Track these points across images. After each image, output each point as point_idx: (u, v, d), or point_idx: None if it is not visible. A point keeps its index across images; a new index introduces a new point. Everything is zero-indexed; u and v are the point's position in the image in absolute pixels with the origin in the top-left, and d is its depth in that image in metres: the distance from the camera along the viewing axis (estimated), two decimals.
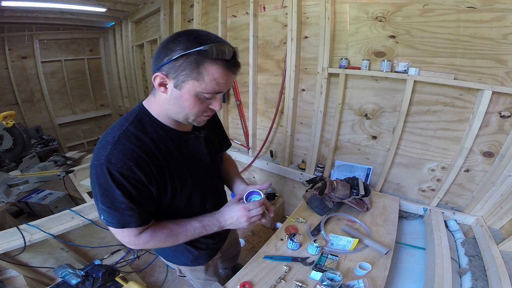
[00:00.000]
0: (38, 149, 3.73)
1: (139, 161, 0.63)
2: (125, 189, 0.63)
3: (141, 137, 0.67)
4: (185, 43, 0.58)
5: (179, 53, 0.58)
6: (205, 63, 0.58)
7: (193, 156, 0.79)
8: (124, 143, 0.63)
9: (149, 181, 0.66)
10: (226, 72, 0.61)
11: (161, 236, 0.75)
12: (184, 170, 0.75)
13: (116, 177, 0.61)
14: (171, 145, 0.72)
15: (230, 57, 0.60)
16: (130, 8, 3.38)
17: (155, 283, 1.86)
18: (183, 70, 0.59)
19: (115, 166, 0.61)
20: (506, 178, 1.30)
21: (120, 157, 0.61)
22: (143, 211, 0.69)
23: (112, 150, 0.61)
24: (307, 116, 2.05)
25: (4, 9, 2.95)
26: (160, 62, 0.61)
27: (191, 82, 0.60)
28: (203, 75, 0.59)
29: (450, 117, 1.47)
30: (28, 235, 1.50)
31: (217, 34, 2.24)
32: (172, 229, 0.77)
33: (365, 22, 1.56)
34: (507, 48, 1.22)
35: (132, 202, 0.65)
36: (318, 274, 1.04)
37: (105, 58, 4.71)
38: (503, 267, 1.11)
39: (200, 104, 0.65)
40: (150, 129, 0.69)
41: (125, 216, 0.66)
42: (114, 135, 0.64)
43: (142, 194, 0.67)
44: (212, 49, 0.57)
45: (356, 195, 1.50)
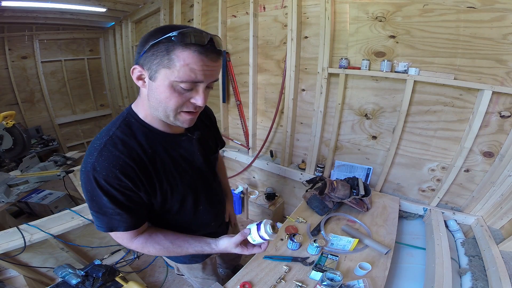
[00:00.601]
0: (38, 149, 3.73)
1: (125, 168, 0.62)
2: (111, 196, 0.62)
3: (128, 142, 0.65)
4: (159, 34, 0.56)
5: (152, 41, 0.56)
6: (175, 49, 0.55)
7: (185, 159, 0.77)
8: (110, 150, 0.62)
9: (137, 187, 0.65)
10: (200, 57, 0.56)
11: (152, 249, 0.76)
12: (174, 174, 0.73)
13: (102, 185, 0.61)
14: (160, 148, 0.70)
15: (204, 42, 0.55)
16: (130, 8, 3.38)
17: (155, 283, 1.86)
18: (155, 59, 0.56)
19: (100, 174, 0.60)
20: (506, 178, 1.30)
21: (106, 165, 0.60)
22: (132, 216, 0.68)
23: (97, 158, 0.61)
24: (307, 116, 2.05)
25: (4, 9, 2.95)
26: (137, 56, 0.60)
27: (163, 71, 0.57)
28: (174, 61, 0.55)
29: (450, 117, 1.47)
30: (28, 235, 1.50)
31: (217, 34, 2.26)
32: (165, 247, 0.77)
33: (365, 22, 1.56)
34: (507, 48, 1.22)
35: (120, 208, 0.64)
36: (318, 274, 1.04)
37: (105, 58, 4.71)
38: (503, 267, 1.11)
39: (177, 97, 0.60)
40: (138, 132, 0.68)
41: (113, 221, 0.66)
42: (100, 142, 0.64)
43: (130, 200, 0.66)
44: (181, 34, 0.54)
45: (356, 195, 1.50)
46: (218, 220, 1.04)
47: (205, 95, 0.63)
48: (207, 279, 1.19)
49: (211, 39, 0.57)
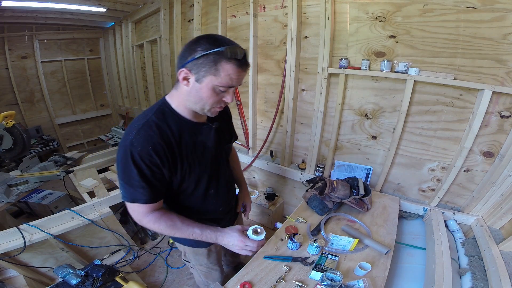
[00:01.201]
0: (38, 149, 3.73)
1: (156, 146, 0.75)
2: (140, 169, 0.75)
3: (161, 125, 0.79)
4: (206, 45, 0.71)
5: (201, 53, 0.70)
6: (221, 61, 0.70)
7: (204, 145, 0.90)
8: (146, 130, 0.76)
9: (163, 163, 0.78)
10: (238, 69, 0.73)
11: (163, 224, 0.85)
12: (194, 157, 0.86)
13: (135, 159, 0.74)
14: (186, 134, 0.84)
15: (241, 57, 0.72)
16: (130, 8, 3.38)
17: (155, 283, 1.86)
18: (204, 67, 0.71)
19: (136, 148, 0.73)
20: (506, 178, 1.30)
21: (141, 141, 0.74)
22: (153, 191, 0.80)
23: (136, 135, 0.75)
24: (307, 116, 2.05)
25: (4, 9, 2.95)
26: (184, 60, 0.73)
27: (209, 77, 0.72)
28: (220, 71, 0.71)
29: (450, 117, 1.47)
30: (28, 235, 1.50)
31: (217, 34, 2.26)
32: (175, 224, 0.87)
33: (365, 22, 1.56)
34: (507, 48, 1.22)
35: (145, 181, 0.76)
36: (318, 274, 1.04)
37: (105, 58, 4.71)
38: (503, 267, 1.11)
39: (215, 96, 0.77)
40: (169, 119, 0.82)
41: (136, 193, 0.78)
42: (139, 123, 0.77)
43: (155, 175, 0.78)
44: (227, 50, 0.69)
45: (356, 195, 1.50)
46: (226, 207, 1.11)
47: (232, 94, 0.81)
48: (211, 268, 1.22)
49: (244, 54, 0.73)
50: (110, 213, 1.81)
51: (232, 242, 0.91)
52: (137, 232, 2.26)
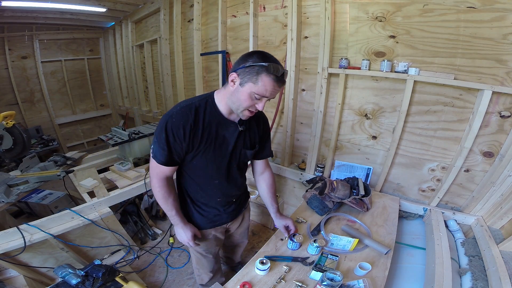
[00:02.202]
0: (38, 149, 3.73)
1: (186, 124, 0.92)
2: (168, 135, 0.92)
3: (199, 111, 0.96)
4: (255, 58, 0.85)
5: (250, 63, 0.85)
6: (262, 74, 0.84)
7: (224, 139, 1.03)
8: (186, 110, 0.94)
9: (184, 138, 0.94)
10: (274, 83, 0.85)
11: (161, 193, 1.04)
12: (212, 144, 1.00)
13: (168, 127, 0.91)
14: (214, 124, 0.98)
15: (279, 75, 0.84)
16: (130, 8, 3.38)
17: (155, 283, 1.86)
18: (248, 75, 0.85)
19: (172, 120, 0.92)
20: (506, 178, 1.30)
21: (178, 117, 0.92)
22: (169, 156, 0.96)
23: (178, 111, 0.93)
24: (307, 116, 2.05)
25: (4, 9, 2.95)
26: (236, 67, 0.88)
27: (250, 84, 0.86)
28: (259, 81, 0.84)
29: (450, 117, 1.47)
30: (28, 235, 1.50)
31: (217, 34, 2.27)
32: (167, 199, 1.06)
33: (365, 22, 1.56)
34: (507, 48, 1.22)
35: (167, 145, 0.94)
36: (318, 274, 1.04)
37: (105, 58, 4.71)
38: (503, 267, 1.11)
39: (250, 101, 0.89)
40: (208, 108, 0.98)
41: (159, 151, 0.96)
42: (186, 103, 0.96)
43: (175, 145, 0.95)
44: (270, 66, 0.83)
45: (356, 195, 1.50)
46: (224, 200, 1.19)
47: (264, 104, 0.92)
48: (201, 254, 1.30)
49: (283, 72, 0.86)
50: (110, 213, 1.81)
51: (182, 235, 1.13)
52: (137, 232, 2.26)
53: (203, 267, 1.38)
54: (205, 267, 1.38)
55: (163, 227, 2.44)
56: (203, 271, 1.40)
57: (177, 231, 1.14)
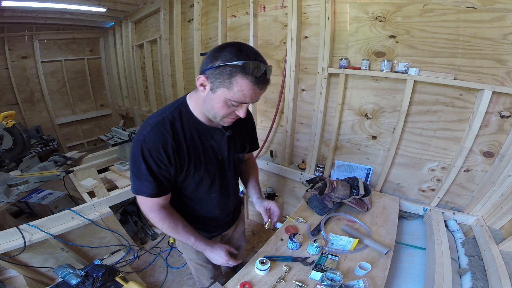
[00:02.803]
0: (38, 149, 3.73)
1: (167, 144, 0.78)
2: (148, 164, 0.78)
3: (175, 125, 0.81)
4: (227, 55, 0.68)
5: (219, 63, 0.68)
6: (236, 76, 0.67)
7: (213, 149, 0.91)
8: (160, 128, 0.78)
9: (170, 162, 0.80)
10: (253, 87, 0.69)
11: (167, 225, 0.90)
12: (201, 159, 0.88)
13: (145, 154, 0.77)
14: (196, 136, 0.85)
15: (259, 74, 0.68)
16: (130, 8, 3.38)
17: (155, 283, 1.86)
18: (219, 78, 0.69)
19: (147, 144, 0.76)
20: (506, 178, 1.30)
21: (153, 139, 0.77)
22: (158, 186, 0.82)
23: (149, 132, 0.77)
24: (307, 116, 2.05)
25: (4, 9, 2.95)
26: (205, 67, 0.72)
27: (222, 89, 0.71)
28: (233, 85, 0.69)
29: (450, 117, 1.47)
30: (28, 235, 1.50)
31: (217, 34, 2.26)
32: (177, 228, 0.92)
33: (365, 22, 1.56)
34: (507, 48, 1.22)
35: (151, 176, 0.79)
36: (318, 274, 1.04)
37: (105, 58, 4.71)
38: (503, 267, 1.11)
39: (227, 108, 0.75)
40: (184, 119, 0.83)
41: (142, 185, 0.82)
42: (155, 120, 0.80)
43: (161, 172, 0.81)
44: (246, 65, 0.66)
45: (356, 195, 1.50)
46: (222, 212, 1.11)
47: (246, 109, 0.78)
48: (200, 265, 1.22)
49: (265, 70, 0.69)
50: (110, 213, 1.81)
51: (216, 258, 0.99)
52: (137, 232, 2.26)
53: (203, 275, 1.31)
54: (205, 275, 1.31)
55: None
56: (203, 277, 1.33)
57: (209, 256, 1.00)
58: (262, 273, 1.06)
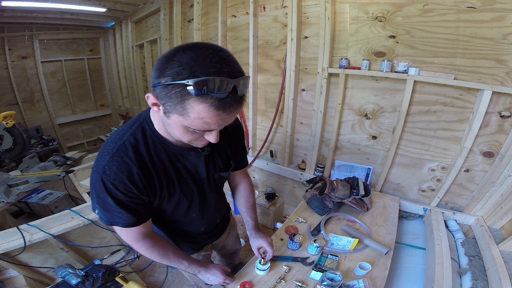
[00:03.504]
0: (38, 149, 3.73)
1: (132, 175, 0.66)
2: (115, 197, 0.67)
3: (139, 149, 0.68)
4: (177, 68, 0.49)
5: (166, 80, 0.50)
6: (189, 99, 0.49)
7: (188, 171, 0.79)
8: (121, 156, 0.65)
9: (140, 191, 0.69)
10: (217, 112, 0.51)
11: (156, 253, 0.83)
12: (174, 182, 0.77)
13: (108, 187, 0.65)
14: (166, 159, 0.73)
15: (223, 95, 0.49)
16: (130, 8, 3.38)
17: (155, 283, 1.86)
18: (168, 101, 0.52)
19: (109, 177, 0.64)
20: (506, 178, 1.30)
21: (115, 170, 0.64)
22: (133, 215, 0.72)
23: (108, 162, 0.64)
24: (307, 116, 2.05)
25: (4, 9, 2.95)
26: (154, 81, 0.53)
27: (175, 115, 0.54)
28: (188, 111, 0.51)
29: (450, 117, 1.47)
30: (28, 235, 1.50)
31: (217, 34, 2.26)
32: (167, 255, 0.86)
33: (365, 22, 1.56)
34: (507, 48, 1.22)
35: (121, 208, 0.69)
36: (318, 274, 1.04)
37: (105, 58, 4.71)
38: (503, 267, 1.11)
39: (190, 135, 0.60)
40: (149, 140, 0.70)
41: (114, 217, 0.71)
42: (114, 145, 0.66)
43: (133, 201, 0.70)
44: (197, 85, 0.47)
45: (356, 195, 1.50)
46: (209, 228, 1.07)
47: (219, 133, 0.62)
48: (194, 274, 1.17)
49: (234, 87, 0.50)
50: None
51: (211, 279, 0.96)
52: None
53: (199, 281, 1.25)
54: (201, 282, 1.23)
55: None
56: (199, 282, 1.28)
57: (204, 277, 0.96)
58: (262, 273, 1.06)
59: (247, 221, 1.10)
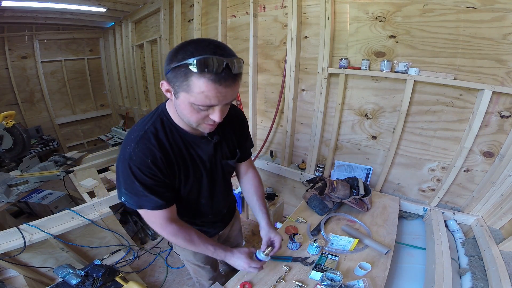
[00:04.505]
0: (38, 149, 3.73)
1: (156, 158, 0.74)
2: (142, 181, 0.74)
3: (159, 136, 0.77)
4: (182, 54, 0.59)
5: (174, 64, 0.60)
6: (192, 76, 0.59)
7: (199, 157, 0.87)
8: (145, 143, 0.74)
9: (162, 174, 0.77)
10: (214, 86, 0.60)
11: (181, 238, 0.87)
12: (189, 168, 0.85)
13: (135, 172, 0.73)
14: (181, 145, 0.81)
15: (219, 70, 0.58)
16: (130, 8, 3.38)
17: (155, 283, 1.86)
18: (177, 81, 0.62)
19: (135, 162, 0.72)
20: (506, 178, 1.30)
21: (140, 155, 0.73)
22: (159, 198, 0.78)
23: (134, 149, 0.73)
24: (307, 116, 2.05)
25: (4, 9, 2.95)
26: (166, 68, 0.64)
27: (182, 93, 0.63)
28: (191, 87, 0.60)
29: (450, 117, 1.47)
30: (28, 235, 1.50)
31: (217, 34, 2.26)
32: (192, 239, 0.89)
33: (365, 22, 1.56)
34: (507, 48, 1.22)
35: (148, 191, 0.75)
36: (318, 274, 1.04)
37: (105, 58, 4.71)
38: (503, 267, 1.11)
39: (197, 114, 0.68)
40: (167, 128, 0.79)
41: (141, 200, 0.77)
42: (137, 134, 0.75)
43: (158, 184, 0.77)
44: (198, 62, 0.56)
45: (356, 195, 1.50)
46: (215, 216, 1.10)
47: (222, 112, 0.69)
48: (198, 266, 1.21)
49: (227, 64, 0.59)
50: (110, 213, 1.81)
51: (238, 263, 0.93)
52: (137, 232, 2.26)
53: (202, 276, 1.32)
54: (204, 276, 1.32)
55: None
56: (202, 278, 1.34)
57: (230, 261, 0.95)
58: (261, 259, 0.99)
59: (262, 213, 1.08)
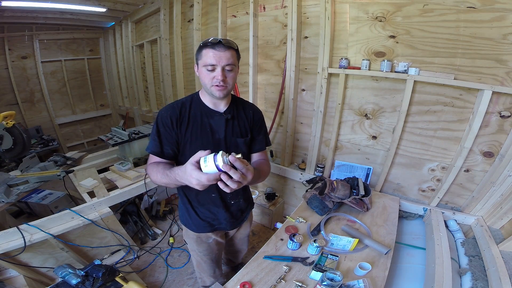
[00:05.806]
0: (38, 149, 3.73)
1: (173, 113, 1.02)
2: (158, 127, 1.02)
3: (184, 103, 1.07)
4: (201, 43, 0.97)
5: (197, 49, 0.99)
6: (202, 49, 0.96)
7: (211, 128, 1.07)
8: (172, 105, 1.06)
9: (173, 126, 1.02)
10: (211, 50, 0.93)
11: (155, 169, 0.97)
12: (198, 132, 1.05)
13: (158, 120, 1.03)
14: (198, 113, 1.06)
15: (215, 42, 0.93)
16: (130, 8, 3.38)
17: (155, 283, 1.86)
18: (197, 57, 0.99)
19: (161, 113, 1.04)
20: (506, 178, 1.30)
21: (166, 108, 1.05)
22: (160, 145, 1.02)
23: (166, 107, 1.05)
24: (307, 116, 2.05)
25: (4, 9, 2.95)
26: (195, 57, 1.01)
27: (199, 62, 0.98)
28: (202, 55, 0.96)
29: (450, 117, 1.47)
30: (28, 235, 1.50)
31: (217, 34, 2.27)
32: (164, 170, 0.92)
33: (365, 22, 1.56)
34: (507, 48, 1.22)
35: (157, 136, 1.02)
36: (318, 274, 1.04)
37: (105, 58, 4.71)
38: (503, 267, 1.11)
39: (207, 75, 0.96)
40: (194, 102, 1.08)
41: (151, 142, 1.03)
42: (174, 102, 1.08)
43: (166, 133, 1.02)
44: (203, 42, 0.96)
45: (356, 195, 1.50)
46: (218, 194, 1.13)
47: (223, 73, 0.95)
48: (201, 258, 1.30)
49: (220, 41, 0.93)
50: (110, 213, 1.81)
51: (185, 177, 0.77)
52: (137, 232, 2.26)
53: (203, 271, 1.38)
54: (206, 271, 1.38)
55: (163, 227, 2.44)
56: (204, 274, 1.40)
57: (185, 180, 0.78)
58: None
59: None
